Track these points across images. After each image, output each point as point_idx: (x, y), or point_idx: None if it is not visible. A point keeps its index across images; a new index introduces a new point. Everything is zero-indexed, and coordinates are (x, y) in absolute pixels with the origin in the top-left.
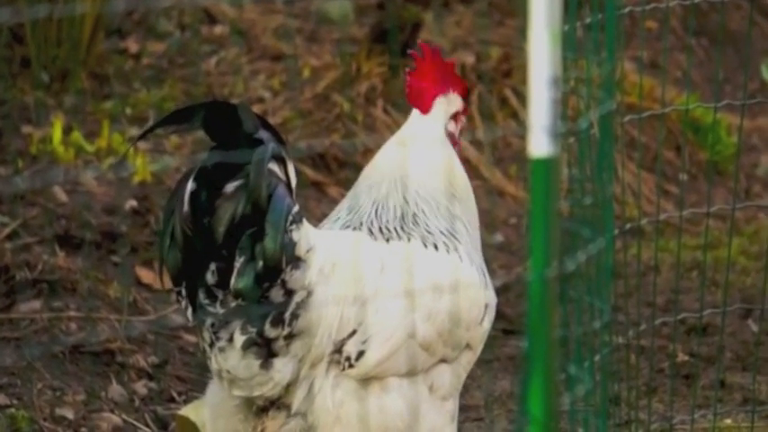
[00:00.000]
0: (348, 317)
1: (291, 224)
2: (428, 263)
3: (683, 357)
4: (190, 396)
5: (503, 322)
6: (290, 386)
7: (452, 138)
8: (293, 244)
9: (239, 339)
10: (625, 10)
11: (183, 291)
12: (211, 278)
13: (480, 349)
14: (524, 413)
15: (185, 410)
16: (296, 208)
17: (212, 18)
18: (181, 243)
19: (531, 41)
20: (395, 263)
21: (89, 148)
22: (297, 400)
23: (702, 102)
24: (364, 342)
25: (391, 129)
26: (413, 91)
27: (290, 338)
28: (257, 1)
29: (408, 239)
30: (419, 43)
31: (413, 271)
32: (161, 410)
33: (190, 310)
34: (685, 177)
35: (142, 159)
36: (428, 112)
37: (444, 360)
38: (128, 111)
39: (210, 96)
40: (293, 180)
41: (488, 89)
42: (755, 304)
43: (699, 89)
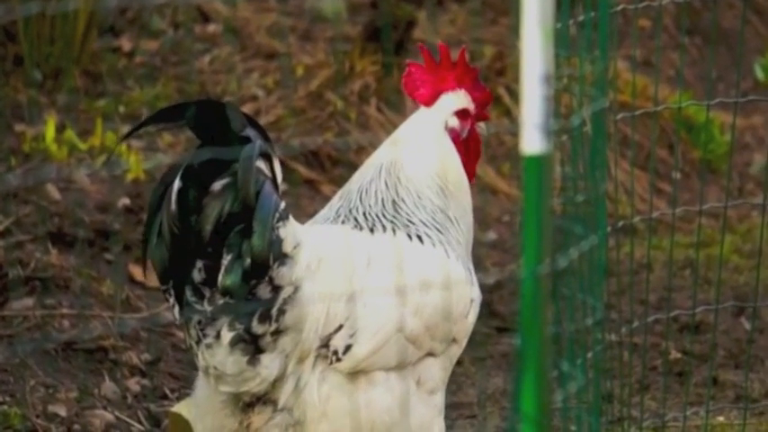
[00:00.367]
0: (335, 312)
1: (278, 221)
2: (415, 256)
3: (676, 355)
4: (182, 393)
5: (496, 320)
6: (277, 381)
7: (454, 133)
8: (280, 240)
9: (227, 336)
10: (618, 8)
11: (171, 288)
12: (198, 276)
13: (465, 343)
14: (517, 410)
15: (178, 407)
16: (282, 205)
17: (206, 16)
18: (168, 241)
19: (524, 39)
20: (382, 257)
21: (82, 147)
22: (284, 396)
23: (695, 100)
24: (352, 336)
25: (384, 127)
26: (410, 80)
27: (277, 334)
28: None
29: (385, 228)
30: (438, 44)
31: (400, 265)
32: (154, 407)
33: (177, 308)
34: (678, 175)
35: (135, 157)
36: (429, 105)
37: (432, 354)
38: (121, 109)
39: (204, 95)
40: (279, 177)
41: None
42: (748, 302)
43: (692, 87)
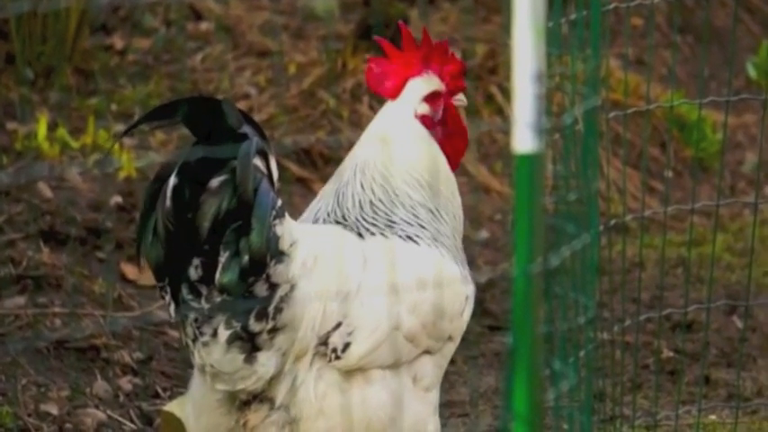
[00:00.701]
0: (332, 309)
1: (275, 218)
2: (409, 256)
3: (668, 353)
4: (175, 392)
5: (488, 318)
6: (274, 379)
7: (426, 120)
8: (277, 238)
9: (223, 334)
10: (610, 6)
11: (166, 286)
12: (195, 273)
13: (459, 340)
14: (509, 409)
15: (170, 406)
16: (279, 202)
17: (198, 14)
18: (163, 238)
19: (516, 37)
20: (376, 256)
21: (74, 145)
22: (280, 394)
23: (687, 99)
24: (350, 334)
25: None
26: (373, 76)
27: (274, 332)
28: None
29: (367, 231)
30: (398, 24)
31: (394, 264)
32: (146, 406)
33: (173, 306)
34: (670, 174)
35: (127, 155)
36: (394, 97)
37: (428, 351)
38: (113, 107)
39: (196, 93)
40: (275, 175)
41: (474, 86)
42: (740, 300)
43: (684, 86)
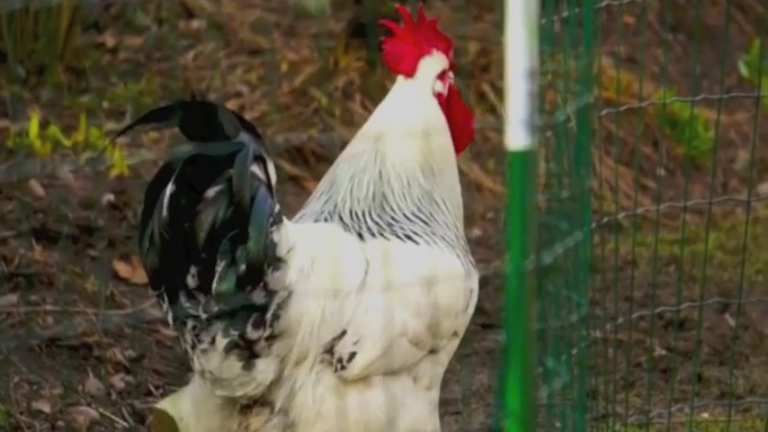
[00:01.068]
0: (331, 315)
1: (272, 225)
2: (410, 257)
3: (661, 351)
4: (167, 390)
5: (481, 316)
6: (273, 385)
7: (440, 98)
8: (274, 245)
9: (221, 342)
10: (602, 4)
11: (164, 294)
12: (192, 281)
13: (462, 334)
14: (502, 407)
15: (162, 404)
16: (276, 207)
17: (189, 12)
18: (159, 247)
19: (509, 35)
20: (375, 259)
21: (66, 142)
22: (280, 398)
23: (680, 97)
24: (355, 343)
25: None
26: (392, 57)
27: (272, 339)
28: None
29: (372, 231)
30: (397, 7)
31: (396, 268)
32: (138, 404)
33: (170, 314)
34: (662, 172)
35: (119, 153)
36: (412, 76)
37: (433, 350)
38: (105, 105)
39: (188, 91)
40: (273, 178)
41: (466, 84)
42: (733, 298)
43: (676, 84)
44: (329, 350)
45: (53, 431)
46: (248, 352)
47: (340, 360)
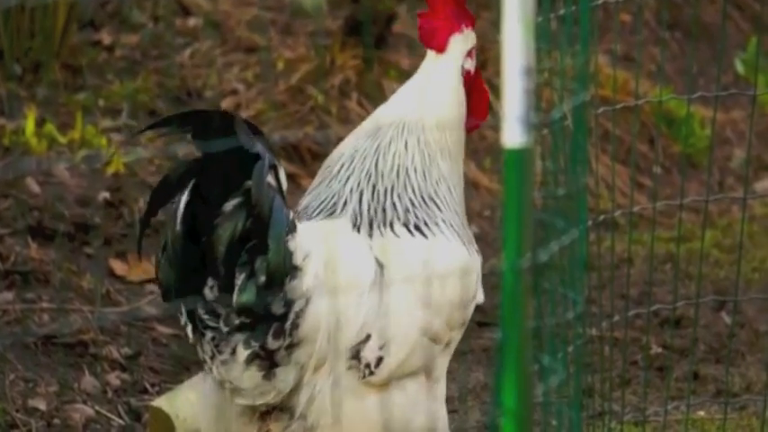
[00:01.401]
0: (347, 319)
1: (288, 234)
2: (421, 254)
3: (657, 349)
4: (163, 387)
5: (477, 314)
6: (293, 391)
7: (467, 76)
8: (291, 254)
9: (242, 354)
10: (599, 2)
11: (182, 308)
12: (210, 294)
13: None
14: (498, 404)
15: (159, 402)
16: (291, 215)
17: (186, 10)
18: (175, 260)
19: (505, 33)
20: (389, 259)
21: (62, 140)
22: (300, 404)
23: (676, 94)
24: (381, 348)
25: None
26: (425, 32)
27: (292, 347)
28: None
29: (385, 222)
30: None
31: (409, 265)
32: (134, 402)
33: (190, 327)
34: (659, 170)
35: (115, 151)
36: (443, 52)
37: (447, 343)
38: (101, 102)
39: (184, 89)
40: (285, 185)
41: None
42: (728, 296)
43: (672, 82)
44: (355, 356)
45: (49, 429)
46: (269, 362)
47: (368, 365)
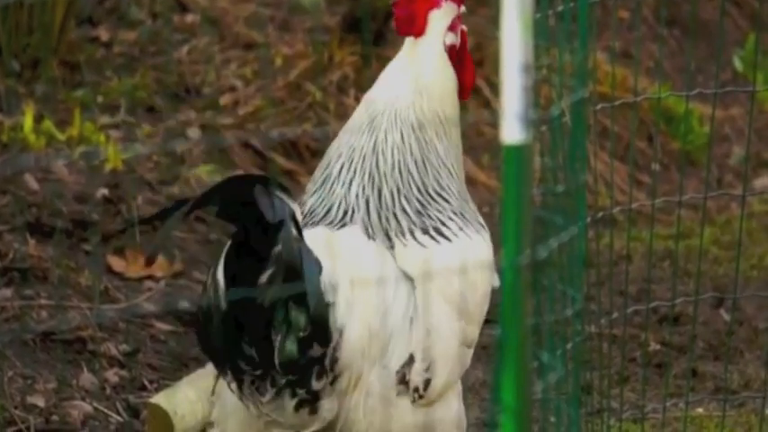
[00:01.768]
0: (377, 331)
1: (321, 280)
2: (448, 261)
3: (655, 346)
4: (161, 384)
5: None
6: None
7: (452, 50)
8: (323, 295)
9: (290, 403)
10: None
11: (228, 371)
12: (253, 353)
13: None
14: (497, 401)
15: (157, 398)
16: (317, 257)
17: (184, 7)
18: (218, 332)
19: (503, 28)
20: (417, 272)
21: (60, 137)
22: (339, 422)
23: (675, 91)
24: (427, 369)
25: None
26: (402, 21)
27: (335, 380)
28: None
29: (401, 228)
30: None
31: (439, 276)
32: (132, 398)
33: (235, 385)
34: (657, 167)
35: (114, 147)
36: (423, 34)
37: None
38: (99, 99)
39: (182, 85)
40: (300, 219)
41: None
42: (727, 293)
43: (671, 79)
44: (402, 381)
45: (47, 425)
46: (314, 400)
47: (416, 389)
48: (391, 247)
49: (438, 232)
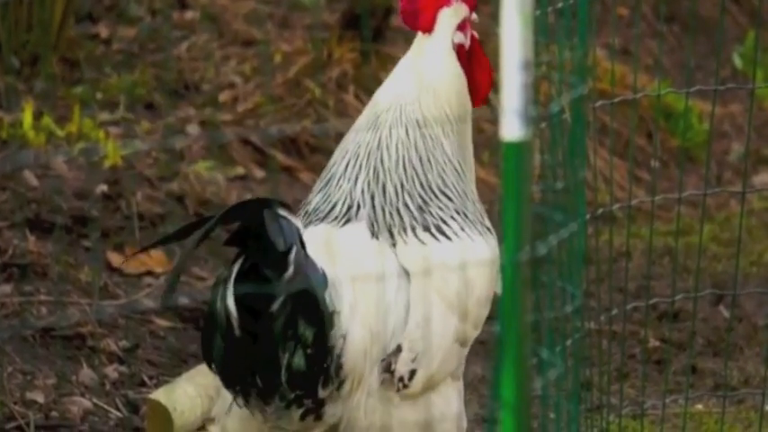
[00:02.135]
0: (378, 332)
1: (328, 294)
2: (447, 259)
3: (655, 343)
4: (161, 380)
5: None
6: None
7: (461, 50)
8: (332, 309)
9: (297, 412)
10: None
11: (238, 391)
12: (263, 372)
13: None
14: (496, 398)
15: (156, 394)
16: (321, 268)
17: (183, 3)
18: (231, 358)
19: (503, 25)
20: (416, 269)
21: (60, 133)
22: (342, 423)
23: (674, 88)
24: (414, 360)
25: None
26: (408, 14)
27: (339, 386)
28: None
29: (404, 226)
30: None
31: (437, 273)
32: (132, 394)
33: (242, 400)
34: (657, 164)
35: (113, 144)
36: (431, 31)
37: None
38: (98, 96)
39: (182, 82)
40: (303, 232)
41: None
42: (727, 290)
43: (670, 76)
44: (387, 369)
45: (47, 421)
46: (320, 407)
47: (401, 379)
48: (393, 245)
49: (439, 230)
